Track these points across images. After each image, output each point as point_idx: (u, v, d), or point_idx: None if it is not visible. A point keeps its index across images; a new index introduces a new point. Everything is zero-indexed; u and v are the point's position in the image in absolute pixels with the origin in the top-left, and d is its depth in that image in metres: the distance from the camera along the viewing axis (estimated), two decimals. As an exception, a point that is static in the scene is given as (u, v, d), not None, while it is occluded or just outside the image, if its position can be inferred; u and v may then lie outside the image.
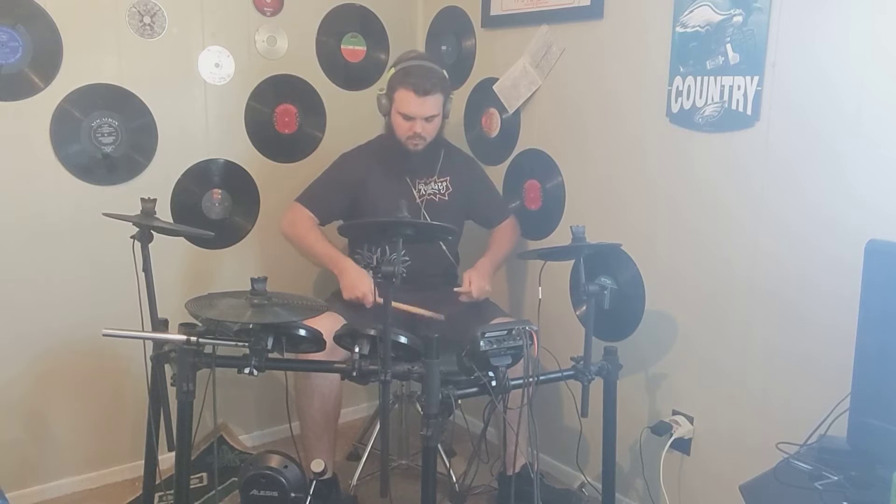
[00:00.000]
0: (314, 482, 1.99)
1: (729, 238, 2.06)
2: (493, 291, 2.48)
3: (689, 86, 2.08)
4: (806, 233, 1.88)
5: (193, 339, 1.81)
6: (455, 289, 2.41)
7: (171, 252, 2.54)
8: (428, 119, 2.38)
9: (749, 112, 1.95)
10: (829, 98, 1.80)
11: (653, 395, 2.33)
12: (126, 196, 2.37)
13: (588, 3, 2.34)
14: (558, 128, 2.53)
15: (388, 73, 2.46)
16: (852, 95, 1.76)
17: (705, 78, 2.04)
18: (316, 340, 1.91)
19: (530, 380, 1.85)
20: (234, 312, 1.81)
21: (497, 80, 2.69)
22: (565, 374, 2.05)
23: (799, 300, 1.91)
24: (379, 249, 2.48)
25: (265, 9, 2.65)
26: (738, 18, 1.95)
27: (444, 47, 2.95)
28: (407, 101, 2.35)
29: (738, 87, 1.97)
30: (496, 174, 2.75)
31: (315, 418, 2.33)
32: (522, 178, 2.68)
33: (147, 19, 2.42)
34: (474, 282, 2.38)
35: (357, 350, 1.89)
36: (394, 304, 1.92)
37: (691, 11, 2.06)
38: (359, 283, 2.33)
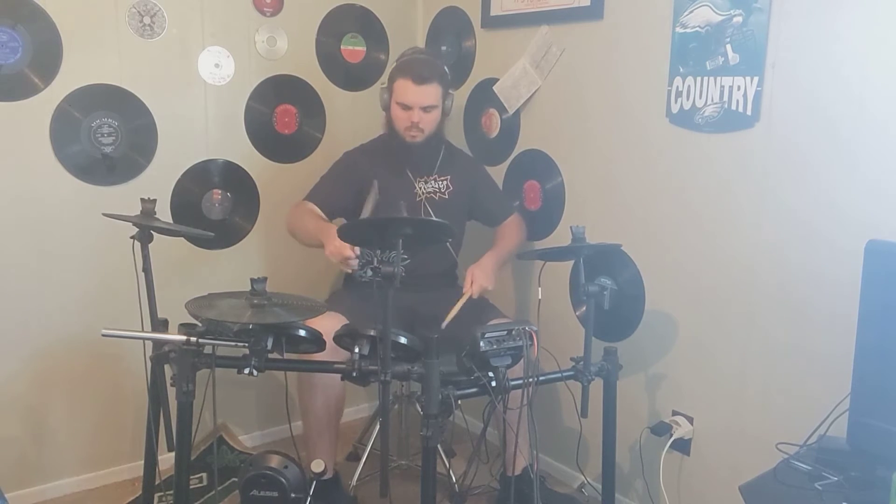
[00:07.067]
0: (314, 482, 1.99)
1: (729, 239, 2.06)
2: (494, 290, 2.45)
3: (688, 86, 2.08)
4: (807, 233, 1.88)
5: (193, 339, 1.81)
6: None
7: (171, 252, 2.53)
8: (426, 109, 2.37)
9: (749, 112, 1.95)
10: (829, 98, 1.80)
11: (653, 395, 2.33)
12: (126, 196, 2.37)
13: (588, 3, 2.34)
14: (558, 128, 2.53)
15: (390, 69, 2.47)
16: (853, 95, 1.76)
17: (705, 78, 2.04)
18: (316, 341, 1.91)
19: (530, 380, 1.85)
20: (233, 313, 1.81)
21: (497, 80, 2.69)
22: (565, 374, 2.05)
23: (799, 300, 1.91)
24: (379, 248, 2.48)
25: (265, 9, 2.65)
26: (738, 19, 1.95)
27: (444, 47, 2.95)
28: (405, 89, 2.36)
29: (738, 88, 1.97)
30: (496, 174, 2.74)
31: (318, 416, 2.31)
32: (522, 179, 2.68)
33: (147, 19, 2.42)
34: (476, 280, 2.34)
35: (357, 350, 1.88)
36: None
37: (691, 12, 2.06)
38: (341, 246, 2.17)
